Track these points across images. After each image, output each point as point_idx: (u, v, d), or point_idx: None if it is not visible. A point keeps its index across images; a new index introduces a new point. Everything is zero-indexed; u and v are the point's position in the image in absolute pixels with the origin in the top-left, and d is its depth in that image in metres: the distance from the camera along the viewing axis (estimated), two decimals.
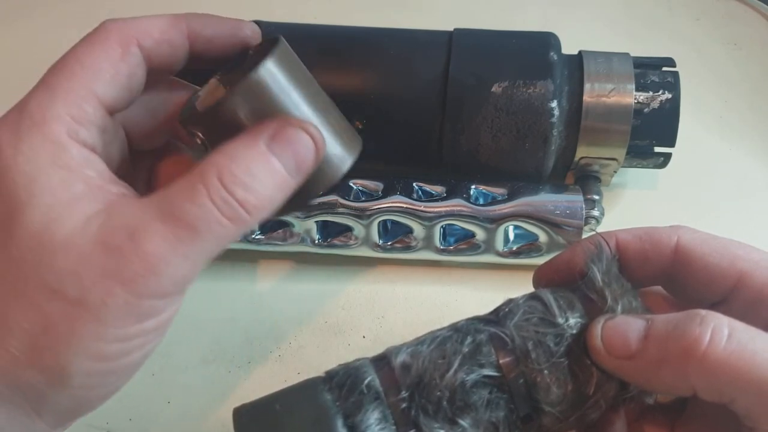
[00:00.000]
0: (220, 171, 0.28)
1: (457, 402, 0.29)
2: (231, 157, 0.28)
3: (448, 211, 0.45)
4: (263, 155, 0.29)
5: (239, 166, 0.28)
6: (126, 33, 0.31)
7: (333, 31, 0.50)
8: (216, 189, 0.28)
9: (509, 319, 0.30)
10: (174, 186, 0.28)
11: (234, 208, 0.28)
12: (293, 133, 0.30)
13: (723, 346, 0.26)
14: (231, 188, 0.28)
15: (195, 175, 0.28)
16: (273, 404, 0.30)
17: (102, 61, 0.30)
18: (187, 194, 0.28)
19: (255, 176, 0.28)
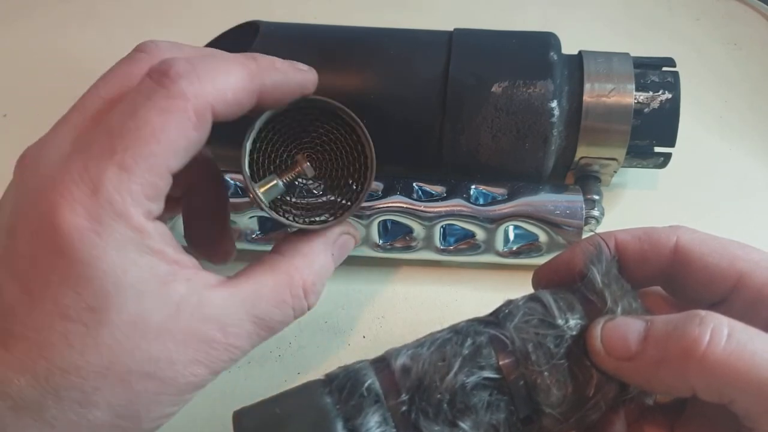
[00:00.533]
0: (306, 283, 0.33)
1: (458, 404, 0.29)
2: (312, 267, 0.33)
3: (448, 211, 0.45)
4: (331, 262, 0.35)
5: (318, 277, 0.34)
6: (204, 101, 0.29)
7: (333, 31, 0.50)
8: (299, 300, 0.32)
9: (509, 321, 0.30)
10: (265, 288, 0.31)
11: (304, 310, 0.33)
12: (349, 242, 0.36)
13: (722, 346, 0.26)
14: (309, 297, 0.33)
15: (284, 284, 0.32)
16: (273, 407, 0.30)
17: (178, 134, 0.29)
18: (278, 302, 0.32)
19: (324, 280, 0.34)
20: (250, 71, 0.31)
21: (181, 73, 0.29)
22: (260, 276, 0.32)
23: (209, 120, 0.30)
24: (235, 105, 0.31)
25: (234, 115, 0.31)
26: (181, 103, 0.28)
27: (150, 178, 0.28)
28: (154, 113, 0.28)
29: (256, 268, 0.32)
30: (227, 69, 0.30)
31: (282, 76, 0.33)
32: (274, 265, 0.33)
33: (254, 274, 0.32)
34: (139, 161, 0.28)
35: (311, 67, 0.34)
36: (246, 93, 0.31)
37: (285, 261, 0.33)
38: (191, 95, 0.29)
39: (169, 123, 0.28)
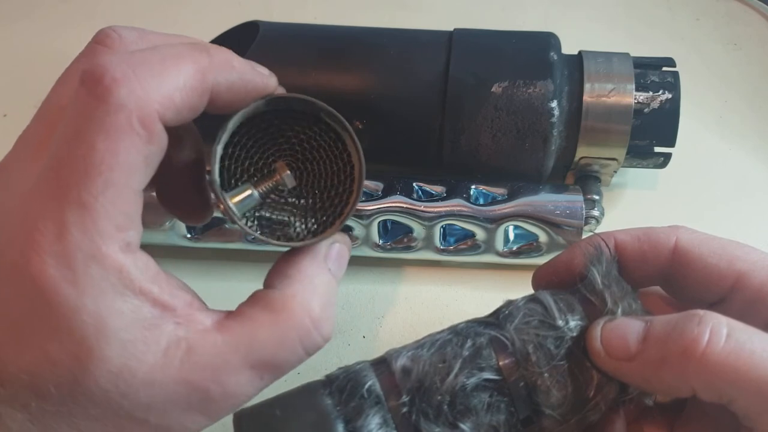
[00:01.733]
0: (311, 313, 0.29)
1: (458, 406, 0.29)
2: (312, 292, 0.30)
3: (448, 211, 0.45)
4: (332, 280, 0.31)
5: (322, 299, 0.30)
6: (147, 110, 0.26)
7: (333, 31, 0.50)
8: (309, 335, 0.29)
9: (509, 322, 0.30)
10: (263, 330, 0.28)
11: (318, 344, 0.30)
12: (342, 251, 0.33)
13: (722, 345, 0.26)
14: (321, 327, 0.29)
15: (286, 321, 0.29)
16: (273, 409, 0.30)
17: (131, 153, 0.26)
18: (281, 343, 0.28)
19: (332, 303, 0.30)
20: (201, 68, 0.28)
21: (118, 79, 0.25)
22: (256, 315, 0.29)
23: (161, 130, 0.26)
24: (186, 108, 0.27)
25: (186, 118, 0.28)
26: (124, 118, 0.25)
27: (115, 208, 0.26)
28: (100, 137, 0.25)
29: (251, 306, 0.29)
30: (174, 66, 0.27)
31: (238, 76, 0.29)
32: (268, 300, 0.29)
33: (249, 314, 0.29)
34: (98, 195, 0.25)
35: (272, 73, 0.31)
36: (197, 94, 0.27)
37: (279, 293, 0.29)
38: (133, 105, 0.25)
39: (117, 145, 0.25)
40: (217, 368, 0.27)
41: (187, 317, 0.27)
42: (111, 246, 0.25)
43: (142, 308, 0.26)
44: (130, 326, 0.26)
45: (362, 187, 0.32)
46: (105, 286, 0.25)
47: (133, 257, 0.26)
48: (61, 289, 0.25)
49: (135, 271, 0.26)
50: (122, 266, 0.26)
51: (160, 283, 0.27)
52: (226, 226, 0.46)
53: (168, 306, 0.27)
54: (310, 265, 0.31)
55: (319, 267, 0.31)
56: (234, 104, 0.30)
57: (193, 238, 0.46)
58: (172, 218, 0.36)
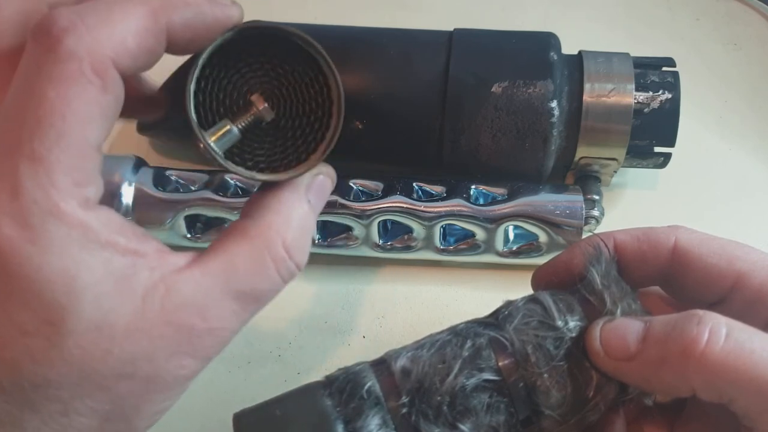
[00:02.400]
0: (285, 241, 0.29)
1: (458, 406, 0.29)
2: (288, 221, 0.29)
3: (448, 211, 0.45)
4: (309, 212, 0.31)
5: (297, 230, 0.30)
6: (100, 56, 0.24)
7: (333, 31, 0.50)
8: (283, 261, 0.29)
9: (509, 323, 0.30)
10: (240, 259, 0.28)
11: (294, 272, 0.30)
12: (325, 183, 0.32)
13: (721, 345, 0.26)
14: (294, 255, 0.29)
15: (261, 248, 0.28)
16: (273, 410, 0.30)
17: (84, 103, 0.24)
18: (258, 271, 0.28)
19: (307, 233, 0.30)
20: (152, 9, 0.26)
21: (67, 28, 0.24)
22: (231, 246, 0.28)
23: (116, 77, 0.25)
24: (141, 53, 0.26)
25: (145, 64, 0.27)
26: (74, 66, 0.24)
27: (71, 161, 0.24)
28: (50, 86, 0.24)
29: (226, 238, 0.29)
30: (123, 11, 0.25)
31: (193, 13, 0.27)
32: (244, 230, 0.29)
33: (224, 245, 0.28)
34: (51, 147, 0.24)
35: (237, 2, 0.29)
36: (152, 36, 0.26)
37: (255, 223, 0.29)
38: (84, 53, 0.24)
39: (68, 94, 0.24)
40: (199, 303, 0.27)
41: (160, 261, 0.27)
42: (69, 202, 0.24)
43: (112, 260, 0.25)
44: (102, 280, 0.25)
45: (342, 111, 0.31)
46: (68, 242, 0.24)
47: (94, 213, 0.25)
48: (22, 249, 0.24)
49: (98, 225, 0.25)
50: (83, 222, 0.25)
51: (126, 234, 0.26)
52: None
53: (139, 253, 0.26)
54: (289, 196, 0.30)
55: (299, 198, 0.30)
56: (196, 42, 0.28)
57: (193, 237, 0.46)
58: None
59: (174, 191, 0.46)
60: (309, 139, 0.31)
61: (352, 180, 0.46)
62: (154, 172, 0.46)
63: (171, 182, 0.47)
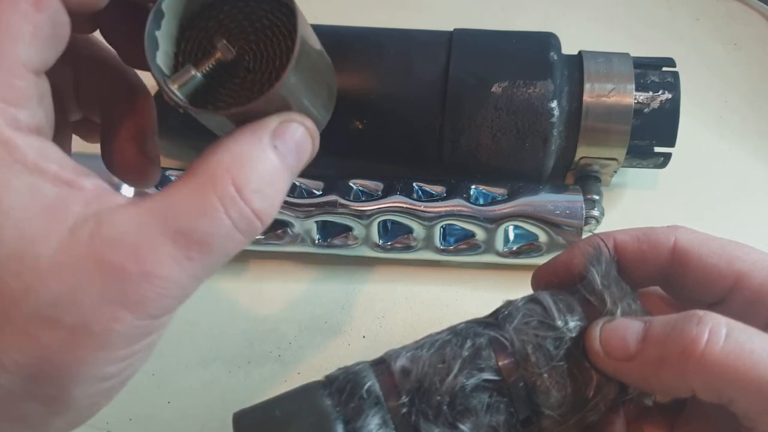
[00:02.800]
0: (236, 178, 0.25)
1: (458, 406, 0.29)
2: (242, 160, 0.25)
3: (448, 211, 0.45)
4: (273, 156, 0.26)
5: (253, 171, 0.25)
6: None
7: (333, 31, 0.50)
8: (233, 201, 0.25)
9: (509, 323, 0.30)
10: (180, 195, 0.25)
11: (250, 220, 0.25)
12: (296, 130, 0.28)
13: (721, 345, 0.26)
14: (249, 198, 0.25)
15: (205, 184, 0.25)
16: (273, 409, 0.30)
17: (15, 17, 0.23)
18: (200, 208, 0.24)
19: (268, 181, 0.26)
20: None
21: None
22: (176, 184, 0.25)
23: None
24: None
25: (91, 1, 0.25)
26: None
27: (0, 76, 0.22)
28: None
29: (174, 181, 0.26)
30: None
31: None
32: (192, 168, 0.25)
33: (170, 186, 0.25)
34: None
35: None
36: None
37: (204, 160, 0.25)
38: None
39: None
40: (132, 241, 0.23)
41: (98, 195, 0.24)
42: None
43: (42, 186, 0.23)
44: (28, 204, 0.22)
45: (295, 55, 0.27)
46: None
47: (24, 135, 0.23)
48: None
49: (26, 147, 0.23)
50: (9, 140, 0.23)
51: (64, 165, 0.24)
52: None
53: (73, 184, 0.24)
54: (247, 136, 0.26)
55: (258, 138, 0.26)
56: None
57: None
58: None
59: None
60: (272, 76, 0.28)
61: (352, 180, 0.46)
62: None
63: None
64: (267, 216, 0.26)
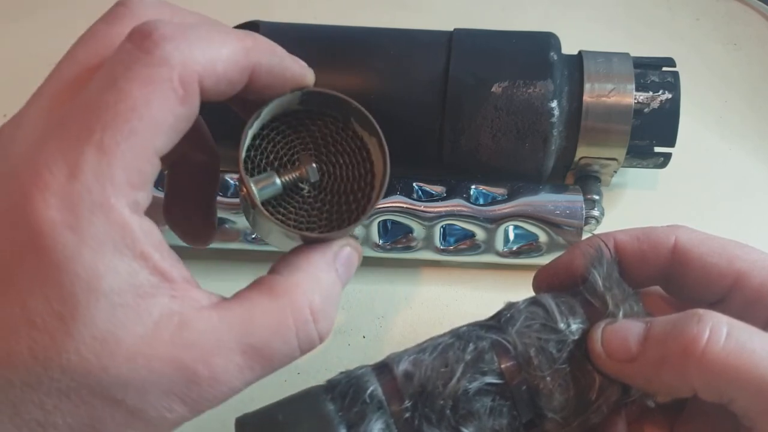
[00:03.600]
0: (312, 302, 0.27)
1: (461, 410, 0.29)
2: (317, 285, 0.28)
3: (448, 211, 0.45)
4: (337, 281, 0.29)
5: (325, 296, 0.28)
6: (191, 70, 0.25)
7: (333, 31, 0.50)
8: (306, 324, 0.27)
9: (511, 326, 0.30)
10: (260, 312, 0.26)
11: (313, 341, 0.28)
12: (352, 256, 0.31)
13: (722, 344, 0.26)
14: (320, 322, 0.28)
15: (285, 307, 0.27)
16: (275, 414, 0.30)
17: (163, 109, 0.25)
18: (276, 327, 0.27)
19: (334, 303, 0.29)
20: (246, 46, 0.27)
21: (167, 36, 0.25)
22: (255, 297, 0.27)
23: (197, 93, 0.26)
24: (225, 80, 0.26)
25: (222, 93, 0.27)
26: (165, 72, 0.24)
27: (134, 161, 0.24)
28: (136, 85, 0.24)
29: (251, 289, 0.28)
30: (221, 39, 0.26)
31: (279, 61, 0.29)
32: (271, 284, 0.28)
33: (248, 296, 0.27)
34: (120, 142, 0.24)
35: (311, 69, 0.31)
36: (238, 69, 0.27)
37: (283, 279, 0.28)
38: (177, 63, 0.25)
39: (152, 96, 0.24)
40: (209, 348, 0.25)
41: (184, 292, 0.25)
42: (120, 200, 0.24)
43: (140, 273, 0.24)
44: (125, 290, 0.24)
45: (384, 187, 0.31)
46: (106, 239, 0.23)
47: (139, 218, 0.24)
48: (60, 233, 0.23)
49: (139, 233, 0.24)
50: (127, 223, 0.24)
51: (162, 252, 0.25)
52: (232, 223, 0.46)
53: (167, 276, 0.25)
54: (319, 260, 0.29)
55: (328, 264, 0.29)
56: (271, 89, 0.29)
57: None
58: None
59: None
60: (344, 215, 0.31)
61: None
62: None
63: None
64: (326, 336, 0.28)
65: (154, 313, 0.24)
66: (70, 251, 0.23)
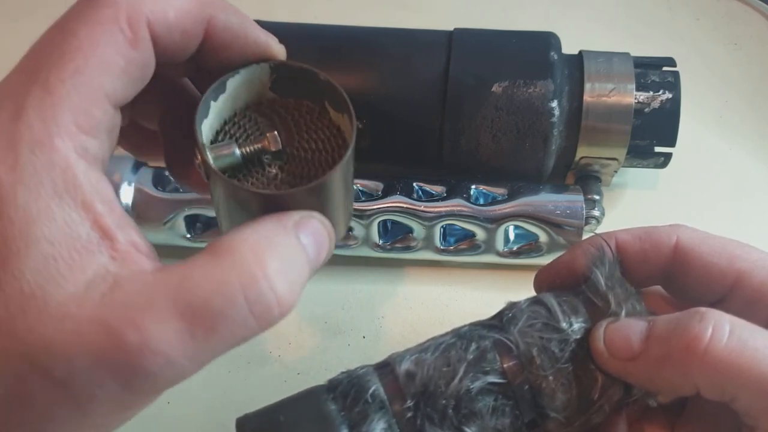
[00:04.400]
0: (261, 257, 0.24)
1: (463, 410, 0.29)
2: (268, 241, 0.24)
3: (448, 211, 0.45)
4: (299, 249, 0.26)
5: (279, 253, 0.24)
6: (139, 11, 0.24)
7: (333, 31, 0.50)
8: (254, 280, 0.23)
9: (513, 325, 0.30)
10: (198, 267, 0.23)
11: (268, 305, 0.24)
12: (317, 226, 0.27)
13: (724, 343, 0.26)
14: (272, 278, 0.24)
15: (225, 259, 0.23)
16: (277, 414, 0.30)
17: (110, 49, 0.24)
18: (216, 284, 0.23)
19: (292, 265, 0.25)
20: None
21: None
22: (198, 258, 0.24)
23: (147, 38, 0.24)
24: (177, 30, 0.25)
25: (178, 46, 0.26)
26: (110, 12, 0.24)
27: (80, 102, 0.23)
28: (81, 25, 0.23)
29: (197, 254, 0.24)
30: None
31: (239, 21, 0.27)
32: (213, 245, 0.24)
33: (190, 258, 0.24)
34: (65, 80, 0.23)
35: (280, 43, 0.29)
36: (191, 19, 0.25)
37: (228, 238, 0.24)
38: (123, 3, 0.24)
39: (98, 36, 0.23)
40: (138, 308, 0.22)
41: (126, 254, 0.23)
42: (65, 141, 0.22)
43: (79, 224, 0.22)
44: (59, 240, 0.22)
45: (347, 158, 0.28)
46: (45, 180, 0.22)
47: (86, 166, 0.23)
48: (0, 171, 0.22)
49: (84, 179, 0.23)
50: (70, 166, 0.22)
51: (110, 208, 0.23)
52: None
53: (109, 234, 0.23)
54: (273, 224, 0.25)
55: (285, 228, 0.26)
56: (230, 51, 0.27)
57: (192, 238, 0.46)
58: None
59: (173, 191, 0.46)
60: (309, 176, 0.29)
61: None
62: (154, 172, 0.46)
63: (170, 182, 0.46)
64: (287, 303, 0.24)
65: (88, 272, 0.22)
66: (6, 190, 0.22)
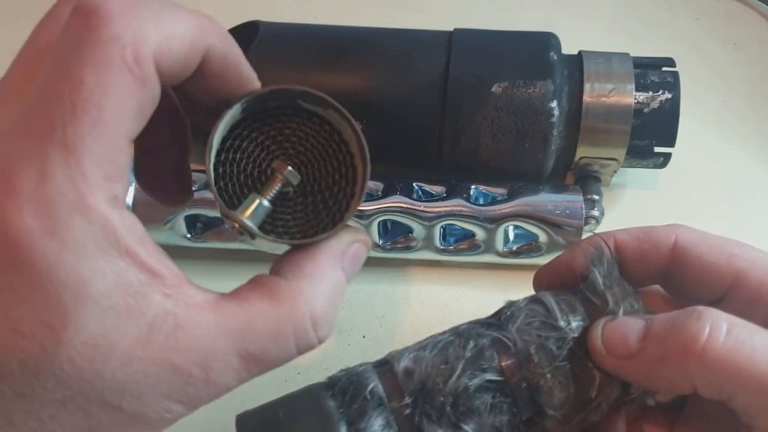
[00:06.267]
0: (313, 311, 0.26)
1: (461, 407, 0.29)
2: (321, 290, 0.27)
3: (448, 211, 0.45)
4: (342, 280, 0.28)
5: (328, 302, 0.27)
6: (142, 47, 0.23)
7: (333, 31, 0.50)
8: (305, 333, 0.26)
9: (511, 323, 0.30)
10: (260, 318, 0.26)
11: (312, 345, 0.27)
12: (360, 251, 0.30)
13: (722, 341, 0.26)
14: (320, 330, 0.27)
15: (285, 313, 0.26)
16: (276, 411, 0.30)
17: (122, 93, 0.23)
18: (275, 336, 0.26)
19: (337, 305, 0.28)
20: (201, 24, 0.25)
21: (114, 11, 0.23)
22: (257, 302, 0.26)
23: (154, 73, 0.24)
24: (179, 61, 0.25)
25: (178, 75, 0.25)
26: (115, 51, 0.23)
27: (104, 153, 0.22)
28: (88, 70, 0.22)
29: (252, 290, 0.27)
30: (174, 14, 0.24)
31: (234, 51, 0.27)
32: (273, 289, 0.26)
33: (249, 298, 0.26)
34: (84, 137, 0.22)
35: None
36: (192, 48, 0.25)
37: (287, 285, 0.27)
38: (128, 40, 0.23)
39: (107, 81, 0.22)
40: (205, 352, 0.24)
41: (177, 289, 0.24)
42: (97, 196, 0.22)
43: (128, 272, 0.23)
44: (113, 291, 0.23)
45: (368, 163, 0.29)
46: (88, 241, 0.22)
47: (119, 213, 0.23)
48: (39, 241, 0.22)
49: (122, 229, 0.23)
50: (108, 221, 0.23)
51: (147, 247, 0.24)
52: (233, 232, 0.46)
53: (156, 272, 0.24)
54: (325, 261, 0.28)
55: (334, 264, 0.28)
56: (223, 82, 0.27)
57: (193, 238, 0.46)
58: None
59: None
60: (339, 198, 0.30)
61: None
62: None
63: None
64: (326, 338, 0.28)
65: (148, 314, 0.23)
66: (51, 258, 0.22)
